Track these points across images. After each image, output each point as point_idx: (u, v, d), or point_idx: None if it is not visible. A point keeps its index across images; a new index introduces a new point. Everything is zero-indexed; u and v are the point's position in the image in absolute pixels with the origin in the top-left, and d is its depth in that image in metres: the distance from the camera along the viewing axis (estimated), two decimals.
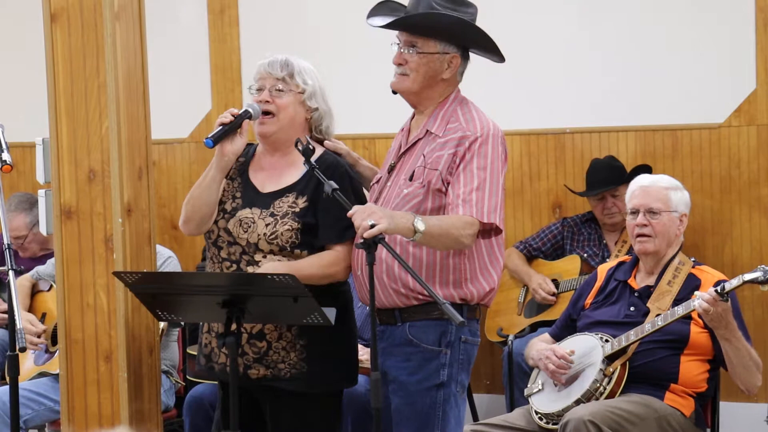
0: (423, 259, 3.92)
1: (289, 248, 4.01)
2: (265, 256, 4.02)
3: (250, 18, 6.84)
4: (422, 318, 3.93)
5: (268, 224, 4.03)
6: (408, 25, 3.99)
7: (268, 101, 4.07)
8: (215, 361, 4.12)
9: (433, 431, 3.96)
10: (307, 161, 3.90)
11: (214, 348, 4.11)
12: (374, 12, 4.10)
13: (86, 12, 3.96)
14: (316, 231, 4.04)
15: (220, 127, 4.00)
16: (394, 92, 4.09)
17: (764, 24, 5.98)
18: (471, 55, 4.10)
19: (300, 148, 3.89)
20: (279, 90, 4.09)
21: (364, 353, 5.00)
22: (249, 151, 4.19)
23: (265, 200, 4.08)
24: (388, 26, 4.02)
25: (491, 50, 4.07)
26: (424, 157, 3.96)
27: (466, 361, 4.00)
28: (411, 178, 3.97)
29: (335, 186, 3.85)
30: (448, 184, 3.90)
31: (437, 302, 3.64)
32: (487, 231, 3.94)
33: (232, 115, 4.02)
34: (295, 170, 4.12)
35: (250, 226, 4.03)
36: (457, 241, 3.84)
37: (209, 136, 3.96)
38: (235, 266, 4.05)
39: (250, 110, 4.04)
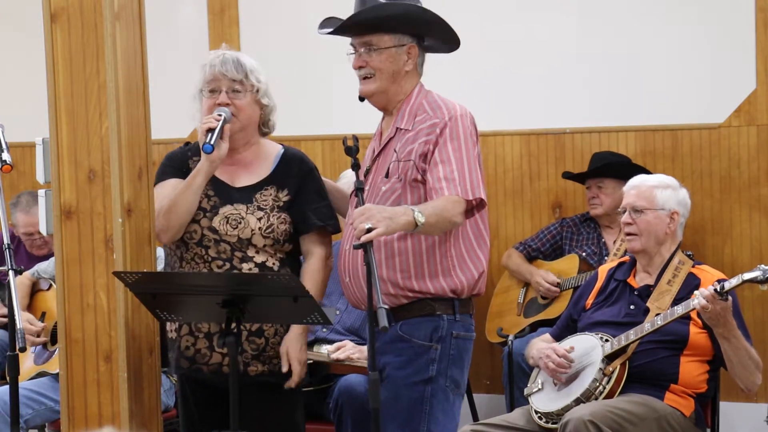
0: (410, 253, 3.95)
1: (282, 241, 4.10)
2: (258, 252, 4.06)
3: (250, 18, 6.84)
4: (415, 315, 3.96)
5: (260, 218, 4.08)
6: (356, 23, 4.00)
7: (228, 104, 4.10)
8: (203, 362, 4.12)
9: (419, 425, 3.96)
10: (354, 158, 3.95)
11: (200, 349, 4.12)
12: (323, 26, 4.15)
13: (86, 12, 3.96)
14: (298, 224, 4.14)
15: (210, 132, 4.01)
16: (362, 99, 4.12)
17: (764, 24, 5.98)
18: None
19: (346, 145, 3.95)
20: (236, 91, 4.13)
21: (356, 351, 5.01)
22: (197, 149, 4.19)
23: (243, 195, 4.13)
24: (336, 31, 4.04)
25: (445, 34, 4.05)
26: (396, 152, 4.00)
27: (457, 357, 4.01)
28: (387, 175, 4.00)
29: (362, 186, 3.92)
30: (424, 171, 3.92)
31: (378, 304, 3.60)
32: (470, 209, 3.96)
33: (215, 119, 4.04)
34: (264, 162, 4.21)
35: (239, 222, 4.07)
36: (451, 222, 3.89)
37: (207, 142, 3.98)
38: (227, 264, 4.07)
39: (225, 115, 4.07)
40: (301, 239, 4.20)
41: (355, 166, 3.97)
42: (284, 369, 4.16)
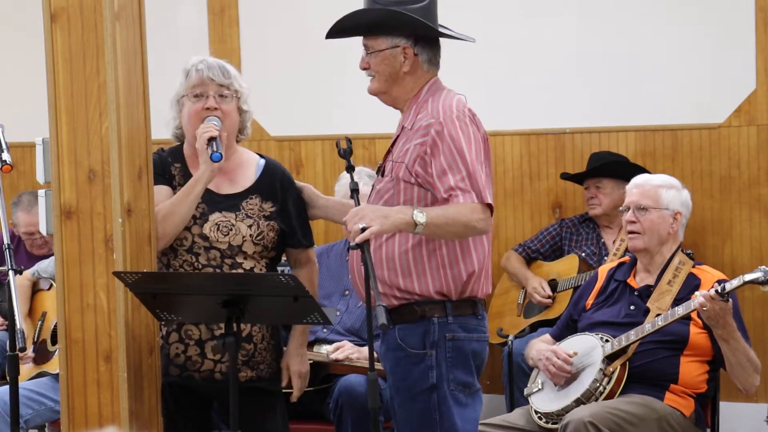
0: (395, 250, 3.88)
1: (269, 248, 4.15)
2: (246, 258, 4.10)
3: (250, 18, 6.84)
4: (407, 320, 3.89)
5: (251, 225, 4.12)
6: (344, 29, 4.00)
7: (216, 108, 4.11)
8: (195, 369, 4.13)
9: None
10: (348, 161, 3.96)
11: (191, 356, 4.12)
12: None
13: (86, 12, 3.95)
14: (287, 236, 4.20)
15: (213, 140, 4.03)
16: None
17: (764, 24, 5.98)
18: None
19: (339, 147, 3.96)
20: (222, 96, 4.15)
21: (354, 352, 5.02)
22: (176, 155, 4.24)
23: (230, 203, 4.15)
24: (329, 35, 4.03)
25: (432, 34, 3.98)
26: (392, 152, 3.98)
27: (458, 359, 3.90)
28: (383, 174, 3.99)
29: (356, 187, 3.93)
30: (417, 175, 3.85)
31: (376, 302, 3.61)
32: None
33: (215, 128, 4.07)
34: (245, 171, 4.23)
35: (230, 229, 4.10)
36: (470, 227, 3.78)
37: (216, 151, 4.01)
38: (217, 271, 4.09)
39: (218, 124, 4.09)
40: (288, 251, 4.28)
41: (350, 168, 3.97)
42: (284, 383, 4.20)
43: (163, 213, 4.07)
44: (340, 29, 4.01)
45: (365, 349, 4.89)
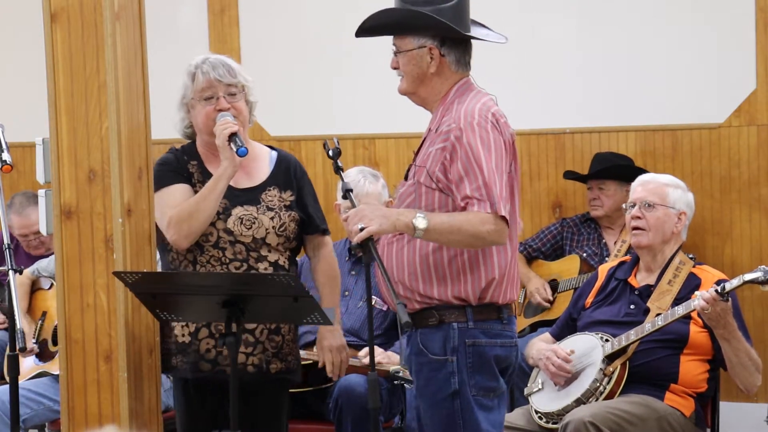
0: (416, 254, 3.83)
1: (291, 238, 4.18)
2: (270, 251, 4.13)
3: (250, 18, 6.84)
4: (427, 325, 3.84)
5: (272, 218, 4.15)
6: (372, 28, 3.95)
7: (229, 108, 4.13)
8: (227, 363, 4.06)
9: None
10: (336, 162, 3.95)
11: (222, 351, 4.11)
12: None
13: (86, 12, 3.96)
14: (305, 224, 4.24)
15: (235, 135, 4.04)
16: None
17: (764, 24, 5.98)
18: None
19: (330, 148, 3.95)
20: (232, 94, 4.16)
21: (384, 357, 5.02)
22: (190, 152, 4.25)
23: (250, 196, 4.17)
24: (357, 34, 3.98)
25: (453, 34, 3.91)
26: (418, 155, 3.94)
27: (479, 364, 3.82)
28: (406, 178, 3.95)
29: (350, 187, 3.94)
30: (438, 180, 3.79)
31: (394, 301, 3.62)
32: None
33: (234, 124, 4.09)
34: (260, 164, 4.25)
35: (253, 223, 4.12)
36: (479, 238, 3.70)
37: (241, 146, 4.01)
38: (245, 265, 4.10)
39: (231, 118, 4.10)
40: (307, 238, 4.29)
41: (337, 170, 3.96)
42: (320, 364, 4.31)
43: (188, 211, 4.06)
44: (368, 28, 3.97)
45: (391, 353, 4.94)
